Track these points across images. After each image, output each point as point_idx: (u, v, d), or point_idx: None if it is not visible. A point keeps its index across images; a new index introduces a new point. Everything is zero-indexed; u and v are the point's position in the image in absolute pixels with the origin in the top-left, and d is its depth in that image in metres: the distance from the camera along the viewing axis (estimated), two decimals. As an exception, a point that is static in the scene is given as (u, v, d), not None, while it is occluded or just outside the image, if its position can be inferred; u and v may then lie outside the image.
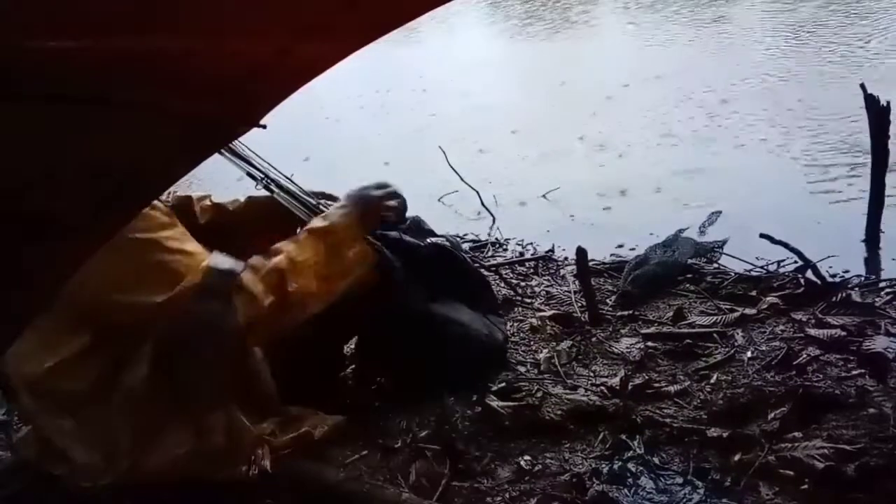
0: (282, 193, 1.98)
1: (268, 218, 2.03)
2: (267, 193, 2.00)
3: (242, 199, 2.13)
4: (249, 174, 1.97)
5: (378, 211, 1.93)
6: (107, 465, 1.69)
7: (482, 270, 2.67)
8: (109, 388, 1.68)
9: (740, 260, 2.82)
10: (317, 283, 1.76)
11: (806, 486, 1.64)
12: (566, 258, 3.04)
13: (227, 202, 2.12)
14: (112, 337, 1.68)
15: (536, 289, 2.82)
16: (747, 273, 2.72)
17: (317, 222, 1.85)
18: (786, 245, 2.66)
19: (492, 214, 3.72)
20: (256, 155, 1.96)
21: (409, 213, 2.11)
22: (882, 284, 2.55)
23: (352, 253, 1.83)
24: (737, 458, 1.75)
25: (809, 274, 2.58)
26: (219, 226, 2.06)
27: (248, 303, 1.67)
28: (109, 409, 1.68)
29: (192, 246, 1.71)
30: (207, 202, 2.09)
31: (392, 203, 1.96)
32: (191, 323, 1.64)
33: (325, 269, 1.78)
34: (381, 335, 2.08)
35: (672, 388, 2.05)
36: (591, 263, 2.71)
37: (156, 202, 1.66)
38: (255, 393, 1.81)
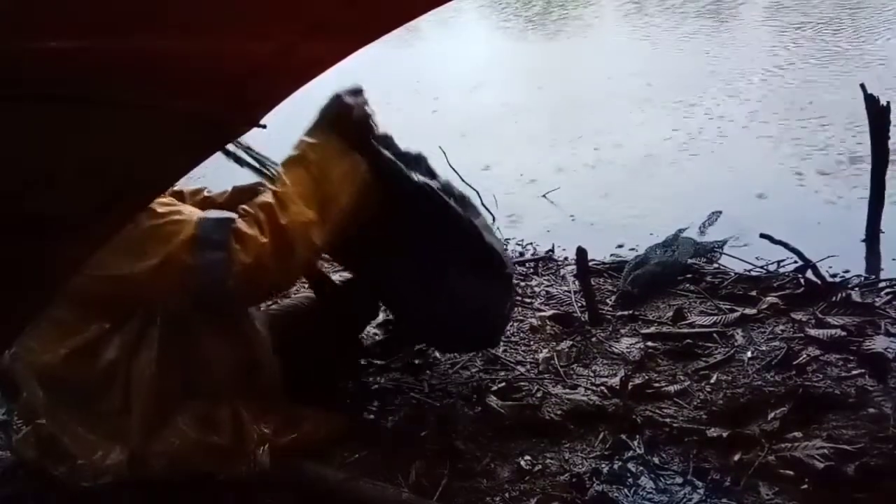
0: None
1: None
2: (252, 181, 1.97)
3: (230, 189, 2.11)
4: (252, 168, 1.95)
5: (351, 116, 1.74)
6: (108, 457, 1.69)
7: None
8: (122, 373, 1.68)
9: (740, 260, 2.82)
10: (313, 211, 1.65)
11: (806, 486, 1.64)
12: (566, 258, 3.04)
13: (215, 195, 2.11)
14: (124, 321, 1.68)
15: (536, 289, 2.82)
16: (747, 273, 2.72)
17: (290, 153, 1.73)
18: (786, 245, 2.67)
19: (492, 214, 3.71)
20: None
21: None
22: (882, 284, 2.55)
23: (339, 171, 1.70)
24: (737, 458, 1.75)
25: (809, 274, 2.58)
26: None
27: (246, 244, 1.59)
28: (119, 396, 1.69)
29: (182, 207, 1.67)
30: (199, 197, 2.07)
31: (363, 104, 1.78)
32: (194, 280, 1.59)
33: (316, 194, 1.67)
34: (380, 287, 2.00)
35: (672, 388, 2.05)
36: (591, 263, 2.71)
37: None
38: (260, 386, 1.81)
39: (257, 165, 1.90)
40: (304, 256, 1.68)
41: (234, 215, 1.65)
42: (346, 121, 1.73)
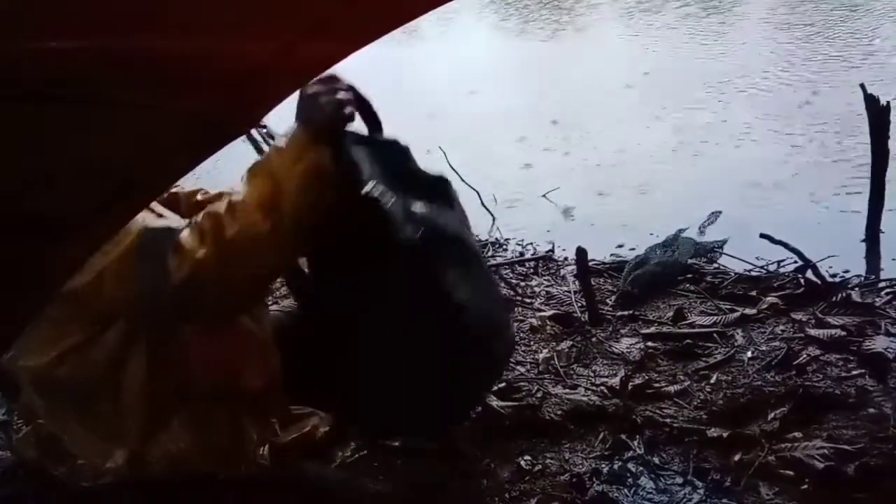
0: None
1: None
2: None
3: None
4: None
5: (317, 111, 1.51)
6: (108, 457, 1.69)
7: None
8: (113, 378, 1.67)
9: (740, 260, 2.82)
10: (269, 221, 1.46)
11: (806, 486, 1.64)
12: (566, 258, 3.04)
13: (210, 196, 2.07)
14: (108, 328, 1.65)
15: (536, 289, 2.82)
16: (747, 273, 2.72)
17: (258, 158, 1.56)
18: (786, 245, 2.67)
19: (492, 214, 3.72)
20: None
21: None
22: (882, 284, 2.56)
23: (300, 169, 1.48)
24: (737, 458, 1.75)
25: (809, 274, 2.58)
26: None
27: (182, 258, 1.44)
28: (114, 401, 1.68)
29: (139, 215, 1.54)
30: (193, 200, 2.04)
31: (335, 95, 1.52)
32: (132, 291, 1.50)
33: (276, 200, 1.47)
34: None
35: (672, 388, 2.05)
36: (591, 263, 2.71)
37: None
38: (259, 386, 1.80)
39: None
40: (255, 271, 1.51)
41: (184, 223, 1.52)
42: (313, 116, 1.52)
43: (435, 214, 1.60)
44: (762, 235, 2.71)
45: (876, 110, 2.82)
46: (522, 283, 2.87)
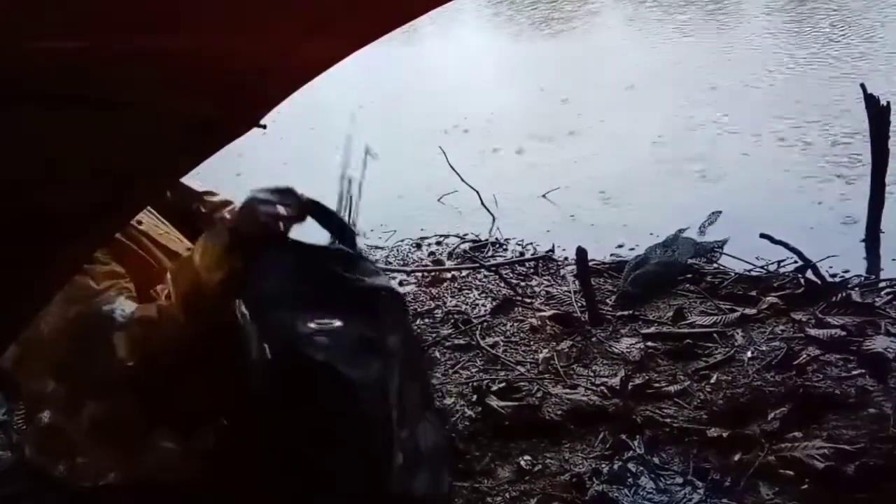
0: None
1: None
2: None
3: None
4: None
5: (256, 220, 1.54)
6: (108, 456, 1.69)
7: None
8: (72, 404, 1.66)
9: (740, 260, 2.82)
10: (188, 322, 1.53)
11: (806, 486, 1.64)
12: (566, 258, 3.04)
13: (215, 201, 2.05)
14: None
15: (536, 289, 2.82)
16: (747, 273, 2.72)
17: (189, 250, 1.60)
18: (786, 245, 2.67)
19: (492, 214, 3.72)
20: None
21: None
22: (882, 284, 2.55)
23: (218, 276, 1.52)
24: (737, 458, 1.75)
25: (809, 274, 2.58)
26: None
27: (115, 363, 1.53)
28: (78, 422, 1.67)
29: (104, 271, 1.59)
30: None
31: (275, 210, 1.54)
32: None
33: (195, 300, 1.54)
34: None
35: (672, 388, 2.05)
36: (591, 263, 2.71)
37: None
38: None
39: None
40: (184, 367, 1.60)
41: (129, 311, 1.55)
42: (244, 225, 1.56)
43: (328, 338, 1.50)
44: (762, 235, 2.71)
45: (876, 110, 2.82)
46: (522, 283, 2.87)
